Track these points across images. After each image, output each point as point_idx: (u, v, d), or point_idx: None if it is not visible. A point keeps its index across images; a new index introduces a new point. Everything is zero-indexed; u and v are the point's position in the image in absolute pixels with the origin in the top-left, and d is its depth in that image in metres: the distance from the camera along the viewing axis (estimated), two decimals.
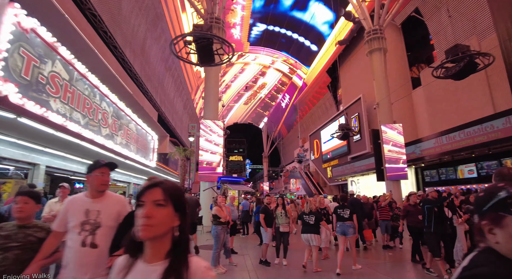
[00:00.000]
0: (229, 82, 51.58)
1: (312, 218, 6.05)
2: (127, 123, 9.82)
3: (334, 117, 30.60)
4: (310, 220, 6.04)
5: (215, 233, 5.83)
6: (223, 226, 5.88)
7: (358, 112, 25.57)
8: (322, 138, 33.76)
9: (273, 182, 62.22)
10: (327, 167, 32.01)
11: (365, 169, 22.14)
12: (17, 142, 7.66)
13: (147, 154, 12.02)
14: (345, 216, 6.27)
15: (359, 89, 27.38)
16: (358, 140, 25.50)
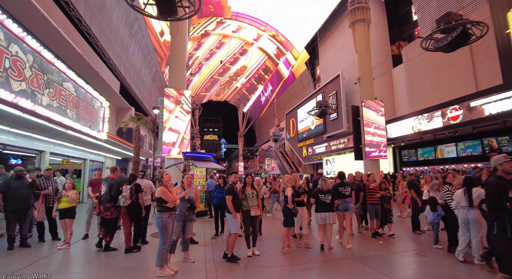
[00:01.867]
0: (203, 60, 46.49)
1: (329, 196, 6.13)
2: (59, 81, 7.85)
3: (311, 96, 29.69)
4: (327, 199, 6.12)
5: (160, 222, 4.46)
6: (170, 213, 4.55)
7: (336, 90, 24.72)
8: (298, 117, 32.94)
9: (248, 161, 61.55)
10: (302, 146, 31.40)
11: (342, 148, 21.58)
12: None
13: (95, 124, 10.19)
14: (346, 193, 6.49)
15: (338, 66, 26.46)
16: (334, 119, 24.83)
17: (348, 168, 22.21)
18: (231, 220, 5.29)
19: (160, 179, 4.60)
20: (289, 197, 5.88)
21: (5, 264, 4.96)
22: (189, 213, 5.24)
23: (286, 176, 6.47)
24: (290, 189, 6.00)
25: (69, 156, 13.27)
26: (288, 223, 5.97)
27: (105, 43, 19.18)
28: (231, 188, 5.36)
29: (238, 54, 46.78)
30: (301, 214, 6.38)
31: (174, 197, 4.53)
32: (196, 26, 35.45)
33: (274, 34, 38.01)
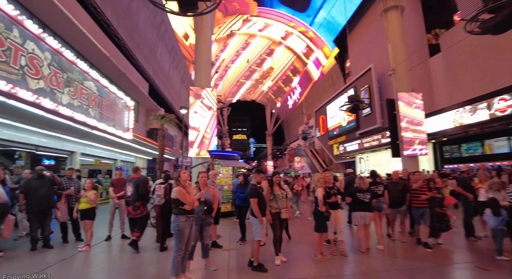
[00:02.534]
0: (229, 63, 44.95)
1: (368, 195, 5.89)
2: (80, 80, 7.71)
3: (341, 91, 28.44)
4: (366, 198, 5.86)
5: (176, 227, 4.02)
6: (187, 216, 4.08)
7: (368, 84, 23.37)
8: (328, 114, 31.75)
9: (277, 160, 60.92)
10: (333, 144, 30.23)
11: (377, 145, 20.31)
12: None
13: (120, 123, 10.10)
14: (378, 192, 6.39)
15: (370, 59, 25.03)
16: (368, 114, 23.48)
17: (383, 166, 20.90)
18: (256, 225, 4.74)
19: (177, 178, 4.14)
20: (319, 198, 5.24)
21: (22, 267, 4.82)
22: (206, 216, 4.72)
23: (316, 174, 5.76)
24: (320, 190, 5.33)
25: (100, 157, 13.53)
26: (320, 228, 5.33)
27: (133, 45, 19.52)
28: (255, 189, 4.76)
29: (264, 54, 45.56)
30: (335, 218, 5.77)
31: (192, 199, 4.08)
32: (221, 25, 35.01)
33: (304, 30, 36.56)
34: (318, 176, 5.70)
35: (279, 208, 4.99)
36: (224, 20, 34.55)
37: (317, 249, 5.40)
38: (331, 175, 6.14)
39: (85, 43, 10.70)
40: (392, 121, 14.39)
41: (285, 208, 5.06)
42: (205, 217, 4.72)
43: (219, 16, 32.96)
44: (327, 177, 5.90)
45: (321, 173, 6.27)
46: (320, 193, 5.29)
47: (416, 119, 13.79)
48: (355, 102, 17.90)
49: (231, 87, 50.70)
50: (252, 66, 47.06)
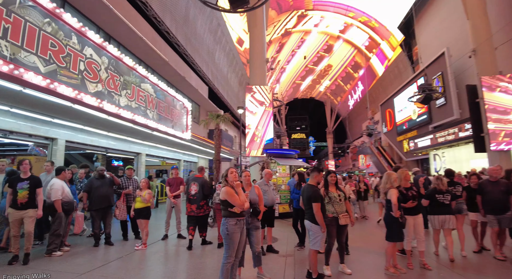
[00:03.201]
0: (285, 64, 43.52)
1: (448, 197, 5.38)
2: (137, 83, 8.12)
3: (410, 81, 25.82)
4: (445, 200, 5.36)
5: (225, 230, 3.73)
6: (238, 219, 3.76)
7: (441, 70, 20.70)
8: (396, 107, 29.13)
9: (339, 159, 58.43)
10: (402, 139, 27.63)
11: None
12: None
13: (178, 124, 10.49)
14: (457, 193, 5.94)
15: (442, 43, 22.21)
16: (442, 105, 20.82)
17: (462, 163, 18.31)
18: (315, 233, 4.19)
19: (224, 178, 3.87)
20: (393, 202, 4.48)
21: (82, 262, 5.12)
22: (252, 219, 4.32)
23: (389, 173, 4.89)
24: (395, 191, 4.57)
25: (164, 157, 14.39)
26: (393, 237, 4.60)
27: (192, 51, 20.39)
28: (317, 191, 4.20)
29: (322, 51, 43.37)
30: (415, 225, 4.97)
31: (242, 200, 3.74)
32: (276, 24, 34.49)
33: (366, 20, 33.86)
34: (393, 174, 4.85)
35: (336, 212, 4.43)
36: (278, 19, 33.96)
37: (389, 261, 4.65)
38: (409, 173, 5.27)
39: (145, 50, 11.53)
40: (474, 111, 12.40)
41: (344, 212, 4.45)
42: (251, 220, 4.33)
43: (272, 15, 32.56)
44: (405, 176, 5.06)
45: (392, 171, 5.35)
46: (394, 195, 4.54)
47: (509, 107, 11.63)
48: (426, 91, 16.00)
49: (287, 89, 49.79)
50: (309, 65, 45.31)
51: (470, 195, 5.96)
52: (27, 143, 8.15)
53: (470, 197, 5.97)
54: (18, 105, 6.55)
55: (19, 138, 7.41)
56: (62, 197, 5.49)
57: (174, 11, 16.80)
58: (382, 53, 35.34)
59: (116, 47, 10.86)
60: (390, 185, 4.71)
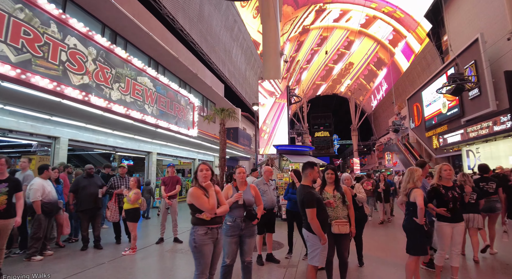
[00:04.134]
0: (304, 64, 41.51)
1: (474, 195, 4.93)
2: (132, 76, 7.65)
3: (439, 72, 24.07)
4: (471, 198, 4.90)
5: (192, 241, 3.00)
6: (208, 227, 3.02)
7: (474, 59, 19.00)
8: (424, 101, 27.35)
9: (365, 157, 56.35)
10: (432, 135, 25.88)
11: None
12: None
13: (183, 121, 9.99)
14: (490, 190, 5.49)
15: (475, 28, 20.48)
16: (475, 96, 19.10)
17: (501, 159, 16.62)
18: (312, 243, 3.32)
19: (194, 176, 3.16)
20: (419, 205, 3.53)
21: (57, 269, 4.66)
22: (246, 224, 3.53)
23: (412, 169, 3.93)
24: (420, 192, 3.65)
25: (177, 156, 14.12)
26: (415, 249, 3.67)
27: (208, 49, 20.11)
28: (312, 193, 3.29)
29: (342, 48, 41.24)
30: (453, 234, 3.92)
31: (211, 204, 2.97)
32: (293, 21, 33.31)
33: (390, 11, 31.86)
34: (418, 171, 3.87)
35: (330, 218, 3.54)
36: (295, 14, 32.78)
37: (410, 278, 3.74)
38: (450, 168, 4.12)
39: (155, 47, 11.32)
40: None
41: (341, 218, 3.58)
42: (244, 225, 3.52)
43: (289, 11, 31.56)
44: (446, 171, 4.03)
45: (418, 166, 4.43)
46: (419, 196, 3.59)
47: None
48: (457, 82, 14.67)
49: (307, 91, 48.38)
50: (329, 64, 43.59)
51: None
52: (31, 142, 8.07)
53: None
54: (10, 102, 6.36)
55: (20, 137, 7.29)
56: (42, 198, 5.15)
57: (187, 9, 16.57)
58: (408, 47, 33.15)
59: (123, 45, 10.74)
60: (413, 184, 3.77)
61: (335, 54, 41.98)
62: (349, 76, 47.41)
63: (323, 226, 3.27)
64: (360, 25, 35.71)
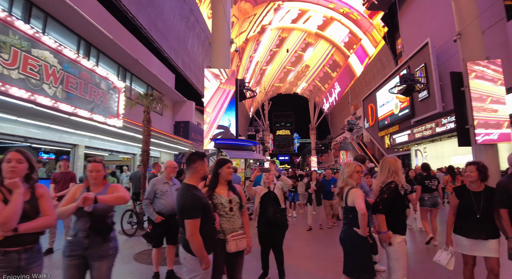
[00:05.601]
0: (263, 65, 41.20)
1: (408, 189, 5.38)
2: (23, 46, 6.15)
3: (392, 74, 24.75)
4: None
5: None
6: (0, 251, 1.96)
7: (424, 62, 19.65)
8: (378, 102, 28.10)
9: (323, 155, 57.62)
10: (384, 135, 26.64)
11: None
12: None
13: (102, 107, 8.52)
14: (433, 186, 5.98)
15: (426, 33, 21.17)
16: (424, 98, 19.78)
17: (445, 159, 17.35)
18: (191, 268, 2.29)
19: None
20: (360, 208, 2.67)
21: None
22: (92, 241, 2.37)
23: (347, 163, 3.10)
24: (359, 193, 2.82)
25: (112, 151, 12.57)
26: (359, 271, 2.76)
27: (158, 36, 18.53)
28: (196, 198, 2.27)
29: (300, 50, 41.59)
30: (395, 252, 2.90)
31: (4, 214, 1.89)
32: (252, 19, 32.63)
33: (347, 12, 32.32)
34: (351, 165, 3.01)
35: (223, 231, 2.57)
36: (253, 12, 32.14)
37: None
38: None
39: (88, 28, 9.73)
40: (459, 101, 11.20)
41: (236, 230, 2.60)
42: (88, 242, 2.37)
43: (247, 8, 30.86)
44: (400, 168, 3.15)
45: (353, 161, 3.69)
46: (359, 198, 2.74)
47: (495, 95, 10.45)
48: (408, 82, 14.83)
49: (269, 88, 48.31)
50: (287, 66, 43.94)
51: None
52: None
53: None
54: None
55: None
56: None
57: None
58: (363, 50, 34.03)
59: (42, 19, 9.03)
60: (344, 183, 2.93)
61: (293, 56, 42.25)
62: (305, 79, 48.12)
63: (208, 244, 2.28)
64: (317, 26, 36.00)
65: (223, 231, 2.57)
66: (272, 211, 3.71)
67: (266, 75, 45.27)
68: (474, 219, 3.02)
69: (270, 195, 3.87)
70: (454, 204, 3.21)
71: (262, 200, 3.88)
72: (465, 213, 3.11)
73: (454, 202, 3.21)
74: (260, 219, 3.91)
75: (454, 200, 3.20)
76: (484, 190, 3.10)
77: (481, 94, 10.39)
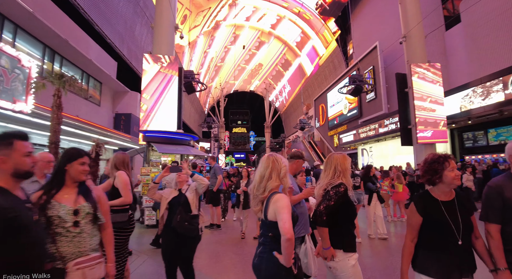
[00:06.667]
0: (218, 62, 40.51)
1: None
2: None
3: (343, 75, 25.47)
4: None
5: None
6: None
7: (373, 65, 20.41)
8: (328, 102, 28.82)
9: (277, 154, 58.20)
10: (333, 134, 27.37)
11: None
12: None
13: (5, 90, 7.08)
14: (356, 184, 6.16)
15: (375, 37, 22.01)
16: (372, 99, 20.59)
17: (389, 158, 18.10)
18: None
19: None
20: (284, 230, 1.75)
21: None
22: None
23: (268, 157, 2.07)
24: (283, 202, 1.85)
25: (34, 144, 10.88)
26: None
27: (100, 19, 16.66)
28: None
29: (254, 49, 41.46)
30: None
31: None
32: (207, 13, 31.53)
33: (300, 11, 32.77)
34: (273, 161, 2.01)
35: (61, 256, 1.65)
36: (208, 5, 31.09)
37: None
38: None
39: None
40: (402, 102, 11.53)
41: (88, 252, 1.73)
42: None
43: (201, 1, 29.79)
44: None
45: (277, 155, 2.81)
46: (282, 210, 1.82)
47: (434, 96, 10.89)
48: (357, 82, 15.07)
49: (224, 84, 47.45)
50: (241, 64, 43.72)
51: None
52: None
53: None
54: None
55: None
56: None
57: None
58: (314, 50, 34.84)
59: None
60: (257, 190, 2.01)
61: (247, 54, 42.06)
62: (258, 77, 48.25)
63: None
64: (271, 25, 36.13)
65: (61, 257, 1.67)
66: (178, 218, 2.94)
67: (221, 72, 44.35)
68: (453, 248, 1.81)
69: (180, 199, 3.11)
70: (416, 223, 1.92)
71: (172, 206, 3.11)
72: (436, 239, 1.86)
73: (415, 221, 1.92)
74: (165, 228, 3.13)
75: (416, 217, 1.91)
76: (456, 197, 1.93)
77: (422, 94, 10.78)
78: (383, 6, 21.38)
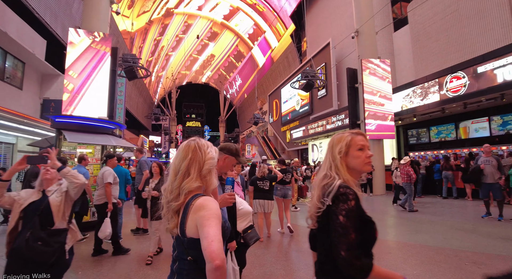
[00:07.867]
0: (169, 51, 39.09)
1: (267, 183, 5.36)
2: None
3: (296, 71, 25.53)
4: (265, 186, 5.34)
5: None
6: None
7: (325, 61, 20.62)
8: (282, 98, 28.80)
9: None
10: (286, 129, 27.42)
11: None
12: None
13: None
14: (287, 180, 6.19)
15: (328, 35, 22.28)
16: (323, 96, 20.84)
17: None
18: None
19: None
20: (211, 255, 1.06)
21: None
22: None
23: (188, 143, 1.37)
24: (213, 210, 1.22)
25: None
26: None
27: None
28: None
29: (206, 39, 40.45)
30: None
31: None
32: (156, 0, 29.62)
33: (254, 3, 32.27)
34: (194, 150, 1.33)
35: None
36: None
37: None
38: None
39: None
40: (352, 97, 11.52)
41: None
42: None
43: None
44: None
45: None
46: (210, 221, 1.16)
47: (383, 91, 11.03)
48: (309, 77, 14.86)
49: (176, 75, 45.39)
50: (193, 54, 42.21)
51: None
52: None
53: None
54: None
55: None
56: None
57: None
58: (266, 42, 34.74)
59: None
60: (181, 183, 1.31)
61: (199, 44, 40.73)
62: (210, 68, 47.16)
63: None
64: (223, 16, 35.26)
65: None
66: (28, 236, 1.93)
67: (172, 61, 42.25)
68: None
69: (40, 205, 2.09)
70: None
71: (27, 215, 2.06)
72: None
73: None
74: (13, 252, 2.01)
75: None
76: None
77: (372, 89, 10.83)
78: (337, 4, 21.67)
